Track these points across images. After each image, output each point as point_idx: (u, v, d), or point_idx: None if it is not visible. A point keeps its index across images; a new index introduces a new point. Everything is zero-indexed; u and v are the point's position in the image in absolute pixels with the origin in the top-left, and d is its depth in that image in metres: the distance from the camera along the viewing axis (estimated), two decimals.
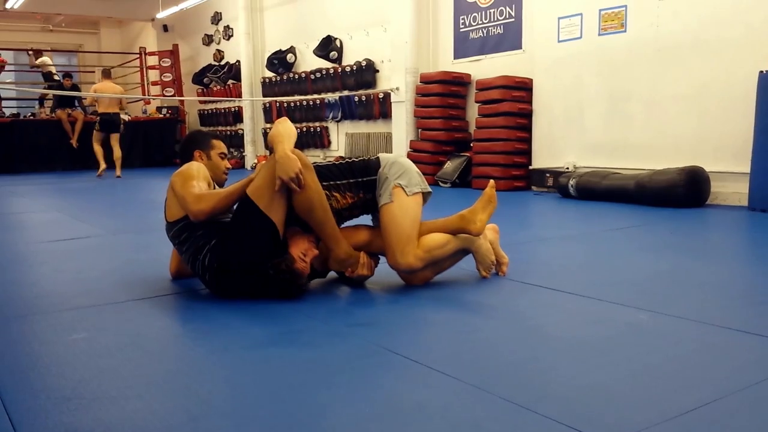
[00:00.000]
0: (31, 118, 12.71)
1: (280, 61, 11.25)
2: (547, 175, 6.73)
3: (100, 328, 2.25)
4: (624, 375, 1.77)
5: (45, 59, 13.51)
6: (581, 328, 2.23)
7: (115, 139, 10.14)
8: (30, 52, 13.62)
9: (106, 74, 10.86)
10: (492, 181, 2.75)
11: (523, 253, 3.59)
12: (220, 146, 2.93)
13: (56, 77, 12.56)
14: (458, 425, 1.50)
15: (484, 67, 7.81)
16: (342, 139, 10.30)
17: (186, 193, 2.54)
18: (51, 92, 11.96)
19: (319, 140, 10.68)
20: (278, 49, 11.41)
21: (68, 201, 7.24)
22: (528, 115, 7.18)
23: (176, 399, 1.69)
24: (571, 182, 6.06)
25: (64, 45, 15.78)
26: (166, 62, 14.51)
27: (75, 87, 12.14)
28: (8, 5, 13.55)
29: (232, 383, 1.80)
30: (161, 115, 13.85)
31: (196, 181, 2.61)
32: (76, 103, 12.07)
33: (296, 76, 10.98)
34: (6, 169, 11.46)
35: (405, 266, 2.64)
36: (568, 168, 6.63)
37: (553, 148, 6.94)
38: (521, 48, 7.49)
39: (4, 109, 13.45)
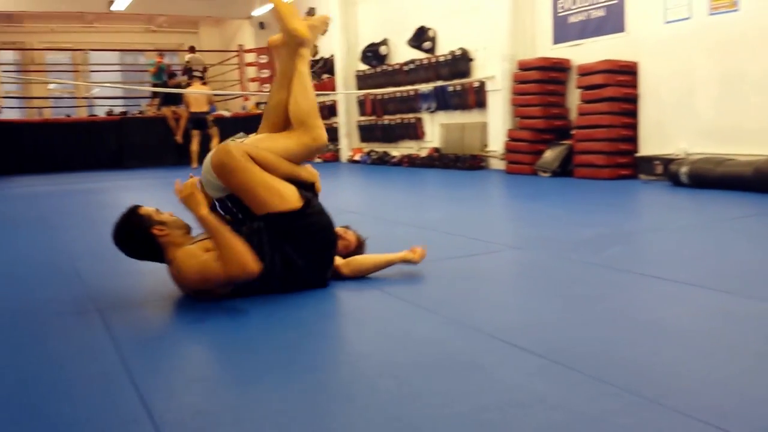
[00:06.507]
0: (139, 115, 13.35)
1: (373, 53, 11.30)
2: (656, 162, 6.42)
3: (238, 310, 2.31)
4: (753, 368, 1.66)
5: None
6: (702, 320, 2.11)
7: (212, 133, 11.33)
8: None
9: (190, 76, 12.88)
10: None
11: (634, 243, 3.45)
12: (149, 212, 2.66)
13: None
14: (582, 419, 1.44)
15: (584, 52, 7.53)
16: (436, 130, 10.24)
17: (216, 270, 2.33)
18: (154, 90, 12.52)
19: (413, 132, 10.66)
20: (371, 41, 11.47)
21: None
22: (633, 100, 6.88)
23: (299, 383, 1.72)
24: (683, 169, 5.76)
25: (166, 45, 16.50)
26: (263, 59, 14.90)
27: (179, 86, 12.67)
28: (113, 8, 14.26)
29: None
30: (260, 111, 14.24)
31: (201, 258, 2.38)
32: (180, 102, 12.60)
33: (390, 68, 11.00)
34: (117, 164, 12.09)
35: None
36: (679, 155, 6.30)
37: (662, 134, 6.62)
38: (624, 30, 7.17)
39: (113, 108, 14.23)
